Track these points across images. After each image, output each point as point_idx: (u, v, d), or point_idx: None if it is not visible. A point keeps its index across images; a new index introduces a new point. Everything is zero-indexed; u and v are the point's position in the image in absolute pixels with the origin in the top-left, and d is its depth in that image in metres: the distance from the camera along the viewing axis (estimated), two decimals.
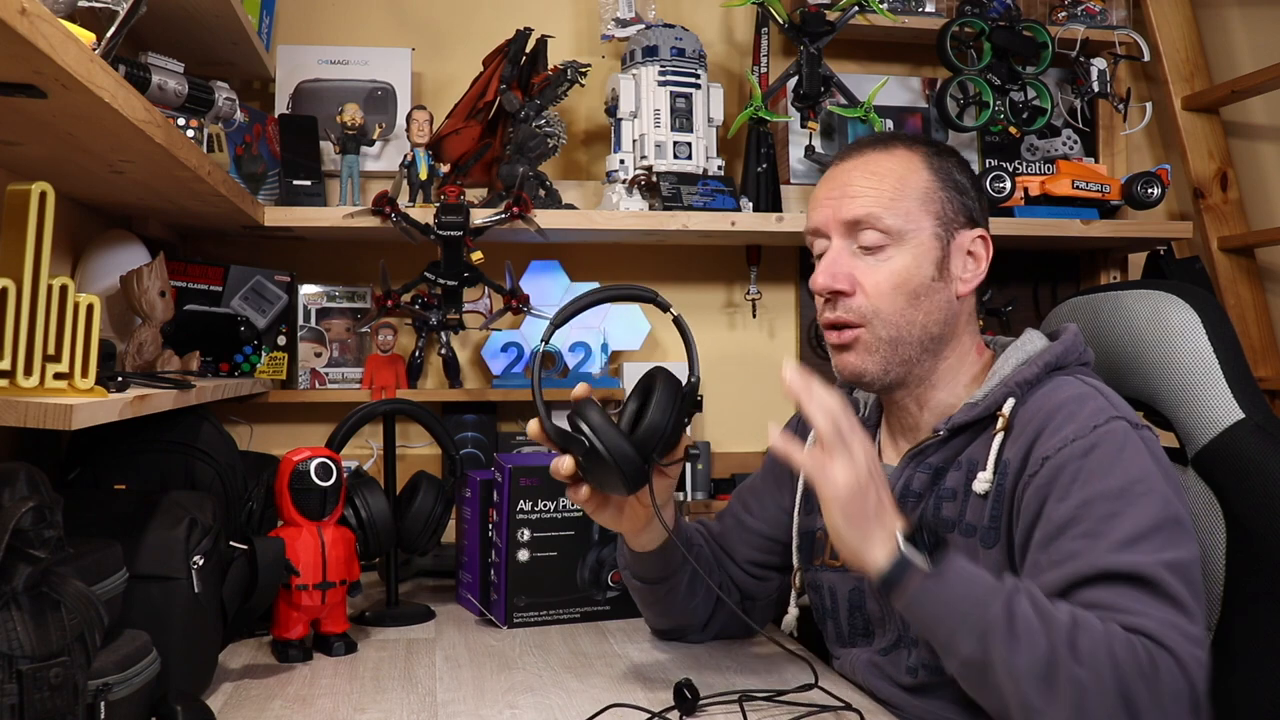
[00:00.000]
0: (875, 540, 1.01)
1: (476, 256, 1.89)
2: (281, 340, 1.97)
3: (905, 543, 1.00)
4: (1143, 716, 0.93)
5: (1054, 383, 1.15)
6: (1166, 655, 0.94)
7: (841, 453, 1.00)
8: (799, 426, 1.42)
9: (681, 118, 1.99)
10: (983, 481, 1.13)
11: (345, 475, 1.42)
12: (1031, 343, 1.21)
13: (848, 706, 1.15)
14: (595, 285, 2.14)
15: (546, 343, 1.15)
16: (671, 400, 1.17)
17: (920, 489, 1.20)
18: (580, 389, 1.19)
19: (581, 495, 1.20)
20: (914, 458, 1.21)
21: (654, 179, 2.00)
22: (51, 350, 0.96)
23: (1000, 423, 1.14)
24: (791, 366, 1.02)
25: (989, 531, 1.12)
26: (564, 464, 1.17)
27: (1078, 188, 2.11)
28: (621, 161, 2.01)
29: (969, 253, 1.22)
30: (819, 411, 1.01)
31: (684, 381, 1.20)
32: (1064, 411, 1.10)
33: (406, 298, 1.91)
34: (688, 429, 1.21)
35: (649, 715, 1.11)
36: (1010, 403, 1.14)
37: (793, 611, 1.38)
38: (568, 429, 1.15)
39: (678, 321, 1.21)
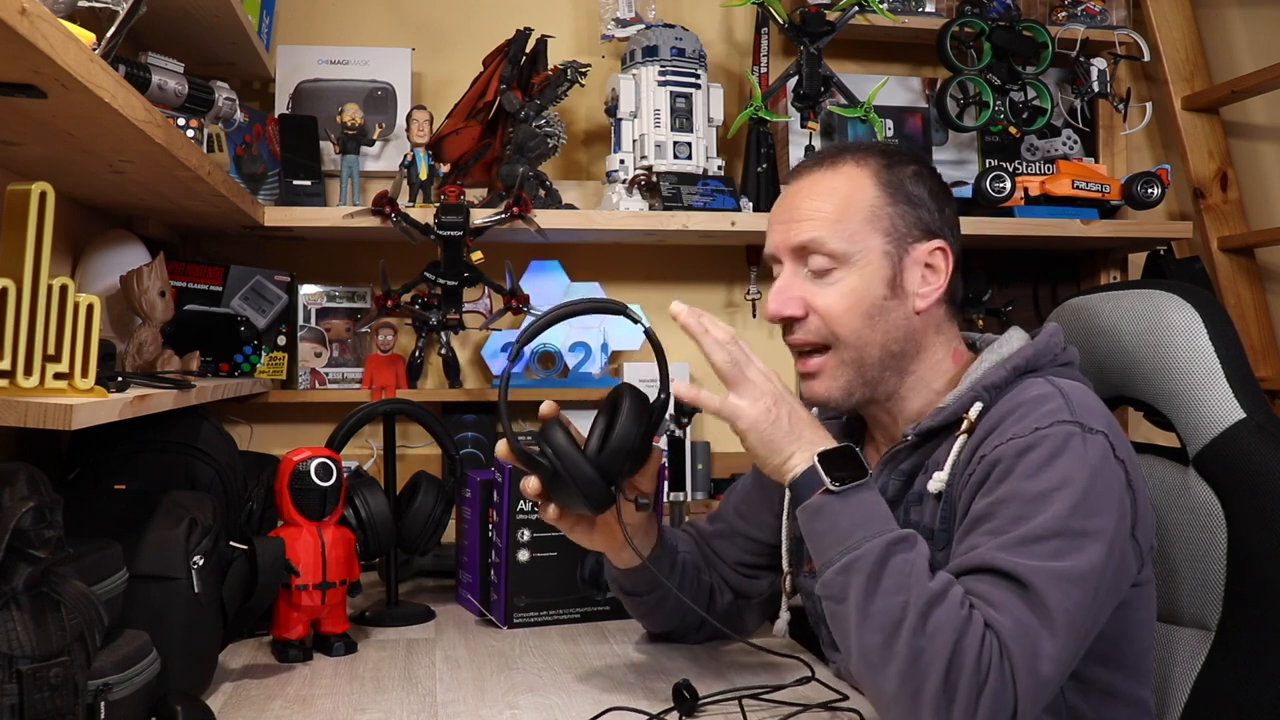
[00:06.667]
0: (795, 457, 1.07)
1: (476, 256, 1.89)
2: (281, 340, 1.97)
3: (820, 461, 1.04)
4: (955, 709, 0.92)
5: (1022, 385, 1.13)
6: (1005, 663, 0.93)
7: (743, 384, 1.07)
8: None
9: (681, 118, 1.99)
10: (936, 482, 1.13)
11: (345, 475, 1.42)
12: (1009, 344, 1.20)
13: (844, 697, 1.17)
14: (595, 285, 2.14)
15: (514, 363, 1.14)
16: (637, 420, 1.15)
17: (894, 495, 1.19)
18: (547, 407, 1.18)
19: (550, 515, 1.20)
20: (887, 463, 1.21)
21: (654, 179, 2.00)
22: (51, 350, 0.96)
23: (964, 425, 1.13)
24: (679, 302, 1.09)
25: (940, 533, 1.12)
26: (530, 484, 1.16)
27: (1078, 188, 2.11)
28: (621, 161, 2.01)
29: (927, 265, 1.19)
30: (715, 347, 1.07)
31: (654, 398, 1.17)
32: (1018, 413, 1.09)
33: (406, 298, 1.91)
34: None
35: (648, 717, 1.11)
36: (977, 406, 1.13)
37: (784, 616, 1.37)
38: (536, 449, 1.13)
39: (649, 334, 1.19)
